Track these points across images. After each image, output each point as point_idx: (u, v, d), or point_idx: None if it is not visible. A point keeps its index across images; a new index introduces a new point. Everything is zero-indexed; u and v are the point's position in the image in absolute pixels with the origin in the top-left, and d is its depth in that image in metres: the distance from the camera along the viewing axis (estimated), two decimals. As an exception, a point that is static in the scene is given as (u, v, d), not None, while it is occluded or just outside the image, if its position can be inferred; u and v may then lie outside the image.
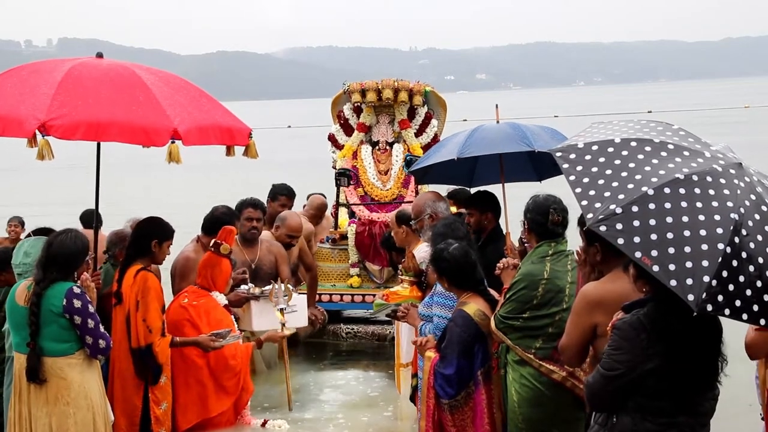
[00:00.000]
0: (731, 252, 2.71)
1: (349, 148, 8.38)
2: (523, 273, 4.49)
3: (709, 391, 3.03)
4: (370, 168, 8.32)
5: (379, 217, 8.08)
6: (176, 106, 4.80)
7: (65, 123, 4.48)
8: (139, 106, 4.66)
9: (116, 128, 4.60)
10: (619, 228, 2.78)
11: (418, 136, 8.28)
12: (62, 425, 4.54)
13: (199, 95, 5.20)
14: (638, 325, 2.94)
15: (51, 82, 4.68)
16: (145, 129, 4.62)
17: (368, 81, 8.28)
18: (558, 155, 3.12)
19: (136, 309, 5.12)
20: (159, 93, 4.80)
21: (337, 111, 8.51)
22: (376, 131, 8.40)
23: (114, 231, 5.80)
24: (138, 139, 4.69)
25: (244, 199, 6.80)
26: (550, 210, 4.45)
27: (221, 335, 5.39)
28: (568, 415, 4.41)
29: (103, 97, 4.66)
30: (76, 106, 4.56)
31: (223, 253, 5.61)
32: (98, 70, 4.91)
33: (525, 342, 4.41)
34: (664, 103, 60.77)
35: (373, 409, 6.28)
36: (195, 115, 4.88)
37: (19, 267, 4.83)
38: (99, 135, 4.65)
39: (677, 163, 2.94)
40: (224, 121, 5.14)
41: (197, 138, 4.79)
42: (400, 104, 8.21)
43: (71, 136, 4.51)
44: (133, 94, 4.74)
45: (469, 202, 6.21)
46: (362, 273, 8.05)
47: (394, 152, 8.31)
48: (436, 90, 8.41)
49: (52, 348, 4.52)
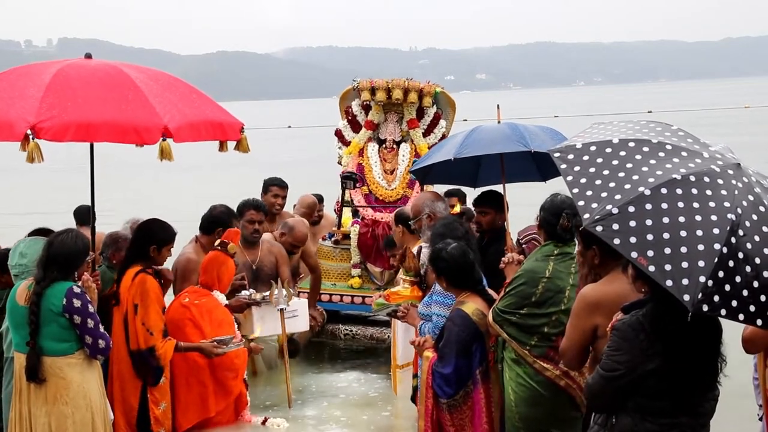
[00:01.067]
0: (728, 252, 2.71)
1: (355, 145, 8.32)
2: (525, 269, 4.51)
3: (709, 392, 3.04)
4: (376, 167, 8.27)
5: (382, 217, 8.06)
6: (166, 103, 4.78)
7: (55, 125, 4.46)
8: (129, 105, 4.64)
9: (107, 128, 4.58)
10: (615, 228, 2.78)
11: (426, 136, 8.22)
12: (61, 425, 4.54)
13: (189, 91, 5.17)
14: (637, 325, 2.95)
15: (39, 84, 4.65)
16: (136, 128, 4.59)
17: (378, 80, 8.20)
18: (556, 155, 3.13)
19: (134, 312, 5.13)
20: (148, 91, 4.77)
21: (345, 106, 8.43)
22: (383, 129, 8.33)
23: (109, 233, 5.81)
24: (129, 138, 4.66)
25: (246, 201, 6.79)
26: (563, 214, 4.44)
27: (224, 342, 5.41)
28: (565, 414, 4.43)
29: (93, 98, 4.64)
30: (66, 107, 4.54)
31: (230, 253, 5.65)
32: (86, 70, 4.88)
33: (521, 337, 4.42)
34: (664, 103, 60.74)
35: (373, 408, 6.30)
36: (185, 111, 4.86)
37: (15, 268, 4.83)
38: (90, 136, 4.61)
39: (675, 163, 2.94)
40: (215, 116, 5.11)
41: (188, 135, 4.77)
42: (409, 104, 8.15)
43: (62, 138, 4.48)
44: (122, 92, 4.71)
45: (484, 201, 6.21)
46: (363, 274, 8.03)
47: (401, 151, 8.24)
48: (446, 91, 8.39)
49: (52, 347, 4.53)
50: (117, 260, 5.62)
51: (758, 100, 50.24)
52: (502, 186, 6.12)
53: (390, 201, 8.20)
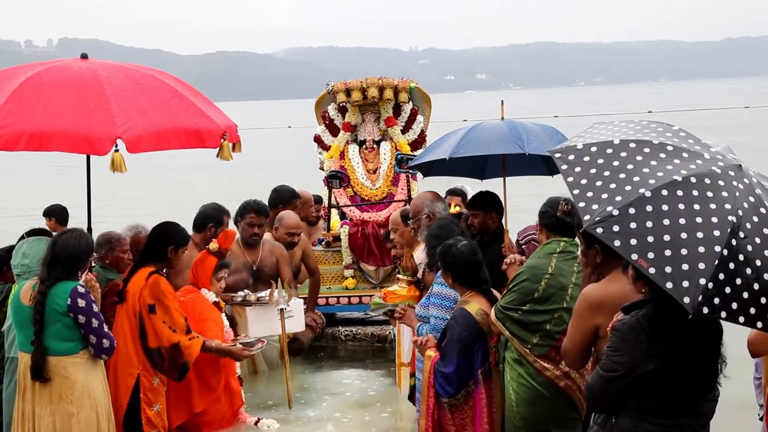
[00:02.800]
0: (728, 254, 2.70)
1: (336, 149, 8.34)
2: (528, 266, 4.52)
3: (709, 392, 3.03)
4: (359, 168, 8.29)
5: (370, 216, 8.08)
6: (131, 111, 4.69)
7: (7, 134, 4.42)
8: (88, 113, 4.58)
9: (59, 137, 4.52)
10: (615, 230, 2.77)
11: (404, 133, 8.25)
12: (66, 424, 4.55)
13: (170, 96, 5.05)
14: (637, 326, 2.94)
15: (6, 90, 4.62)
16: (88, 137, 4.52)
17: (352, 80, 8.22)
18: (557, 156, 3.12)
19: (149, 311, 5.12)
20: (116, 98, 4.70)
21: (322, 112, 8.45)
22: (362, 130, 8.36)
23: (102, 233, 5.82)
24: (80, 149, 4.62)
25: (248, 203, 6.76)
26: (560, 201, 4.45)
27: (251, 344, 5.59)
28: (566, 415, 4.42)
29: (54, 106, 4.58)
30: (24, 115, 4.50)
31: (212, 250, 5.72)
32: (62, 75, 4.84)
33: (523, 335, 4.41)
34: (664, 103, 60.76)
35: (374, 408, 6.30)
36: (153, 119, 4.76)
37: (18, 268, 4.84)
38: (41, 145, 4.53)
39: (676, 164, 2.93)
40: (192, 123, 4.97)
41: (149, 144, 4.68)
42: (385, 102, 8.17)
43: (13, 147, 4.46)
44: (85, 100, 4.65)
45: (473, 203, 6.22)
46: (357, 274, 8.04)
47: (382, 150, 8.28)
48: (420, 86, 8.38)
49: (57, 347, 4.53)
50: (110, 260, 5.63)
51: (758, 100, 50.26)
52: (503, 183, 6.11)
53: (376, 200, 8.22)
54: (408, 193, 8.04)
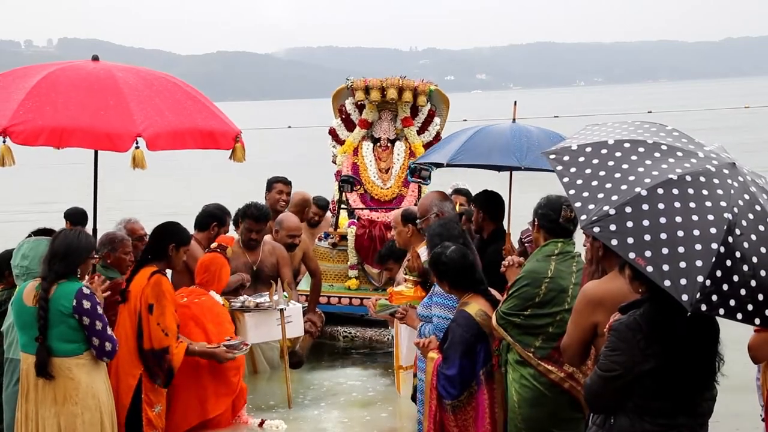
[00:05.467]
0: (725, 252, 2.72)
1: (350, 144, 8.30)
2: (527, 270, 4.49)
3: (707, 392, 3.04)
4: (371, 166, 8.25)
5: (378, 217, 8.05)
6: (149, 110, 4.74)
7: (27, 129, 4.46)
8: (108, 111, 4.62)
9: (79, 134, 4.56)
10: (612, 229, 2.79)
11: (420, 134, 8.23)
12: (70, 425, 4.55)
13: (185, 98, 5.11)
14: (635, 326, 2.96)
15: (24, 87, 4.66)
16: (109, 134, 4.57)
17: (372, 79, 8.17)
18: (552, 157, 3.14)
19: (148, 311, 5.12)
20: (134, 97, 4.75)
21: (339, 105, 8.40)
22: (378, 128, 8.32)
23: (105, 233, 5.83)
24: (101, 145, 4.66)
25: (248, 207, 6.74)
26: (563, 206, 4.43)
27: (235, 346, 5.51)
28: (568, 416, 4.41)
29: (73, 103, 4.63)
30: (44, 111, 4.54)
31: (228, 256, 5.80)
32: (79, 74, 4.87)
33: (525, 339, 4.41)
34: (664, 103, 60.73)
35: (373, 408, 6.30)
36: (170, 119, 4.81)
37: (17, 268, 4.84)
38: (62, 141, 4.58)
39: (670, 163, 2.95)
40: (206, 125, 5.03)
41: (167, 143, 4.72)
42: (403, 102, 8.13)
43: (33, 143, 4.48)
44: (104, 98, 4.69)
45: (473, 200, 6.23)
46: (361, 275, 8.02)
47: (396, 150, 8.24)
48: (440, 88, 8.36)
49: (61, 348, 4.53)
50: (112, 260, 5.63)
51: (758, 100, 50.24)
52: (509, 182, 6.12)
53: (386, 200, 8.19)
54: (418, 195, 7.96)
